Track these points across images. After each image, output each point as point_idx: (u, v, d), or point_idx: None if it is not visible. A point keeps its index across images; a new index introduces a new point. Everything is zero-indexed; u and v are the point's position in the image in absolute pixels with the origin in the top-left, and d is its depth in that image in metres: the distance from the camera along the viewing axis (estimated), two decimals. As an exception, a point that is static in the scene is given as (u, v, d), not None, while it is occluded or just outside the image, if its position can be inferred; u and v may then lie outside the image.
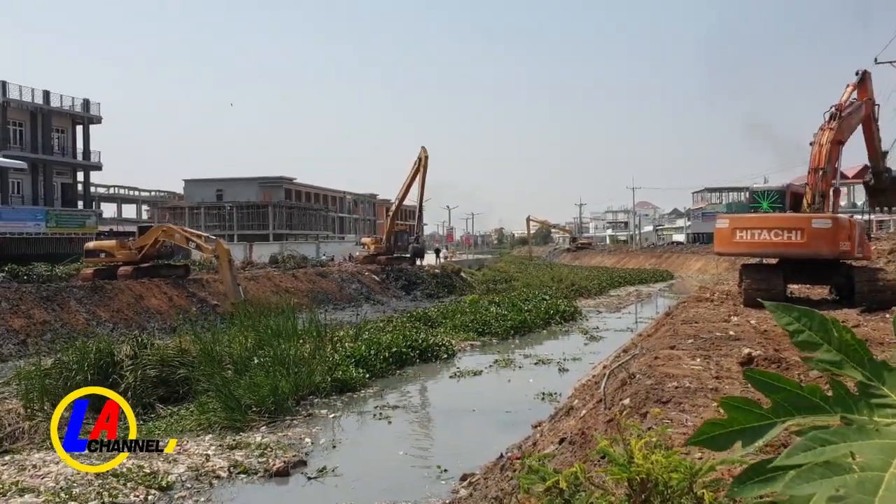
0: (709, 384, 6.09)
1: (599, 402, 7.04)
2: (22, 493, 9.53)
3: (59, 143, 57.80)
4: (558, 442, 6.52)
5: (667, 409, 5.35)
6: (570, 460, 5.63)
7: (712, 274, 62.86)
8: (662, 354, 7.68)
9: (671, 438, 4.50)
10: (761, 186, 15.98)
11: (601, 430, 5.70)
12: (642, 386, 6.08)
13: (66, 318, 26.60)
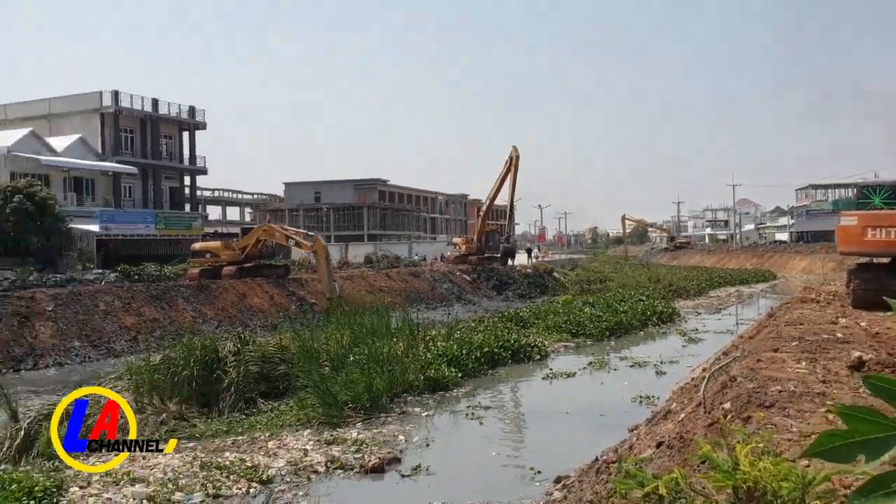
0: (815, 388, 5.82)
1: (699, 406, 6.83)
2: (133, 483, 10.00)
3: (167, 149, 60.57)
4: (655, 446, 6.36)
5: (770, 413, 5.14)
6: (668, 465, 5.48)
7: (817, 274, 60.15)
8: (765, 357, 7.38)
9: (778, 445, 4.32)
10: (873, 181, 15.10)
11: (701, 434, 5.53)
12: (744, 389, 5.86)
13: (174, 315, 27.84)
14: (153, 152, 58.42)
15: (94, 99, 55.82)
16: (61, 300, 25.28)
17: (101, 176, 54.04)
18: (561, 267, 60.75)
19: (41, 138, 51.19)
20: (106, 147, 55.65)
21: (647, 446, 6.57)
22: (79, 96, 56.65)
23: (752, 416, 5.06)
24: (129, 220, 47.08)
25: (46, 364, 22.30)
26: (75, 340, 23.96)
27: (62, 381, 20.42)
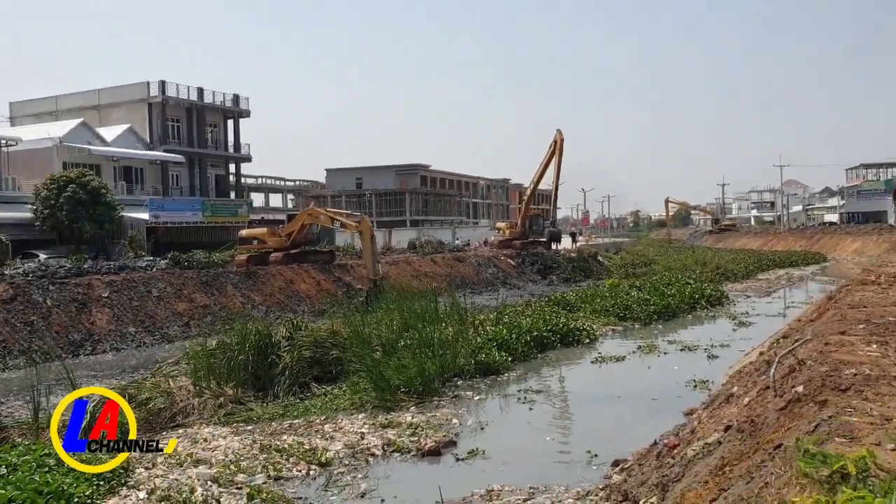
0: (891, 372, 5.70)
1: (766, 389, 6.75)
2: (196, 465, 10.25)
3: (212, 137, 61.46)
4: (723, 430, 6.31)
5: (847, 397, 5.05)
6: (741, 449, 5.43)
7: (870, 255, 58.80)
8: (833, 340, 7.26)
9: (861, 429, 4.25)
10: None
11: (773, 418, 5.47)
12: (816, 373, 5.77)
13: (223, 301, 28.32)
14: (199, 141, 59.31)
15: (142, 89, 56.82)
16: (116, 287, 25.88)
17: (150, 165, 55.06)
18: (605, 251, 60.31)
19: (91, 129, 52.31)
20: (153, 136, 56.66)
21: (714, 430, 6.52)
22: (127, 87, 57.71)
23: (829, 399, 4.98)
24: (177, 208, 47.90)
25: (104, 349, 22.88)
26: (130, 326, 24.53)
27: (120, 365, 20.97)
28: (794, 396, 5.54)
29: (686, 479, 5.90)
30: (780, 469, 4.35)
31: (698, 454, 6.19)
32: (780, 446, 4.83)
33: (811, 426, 4.71)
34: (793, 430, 5.05)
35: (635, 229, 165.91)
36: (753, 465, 4.93)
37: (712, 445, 6.13)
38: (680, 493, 5.62)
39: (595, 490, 8.87)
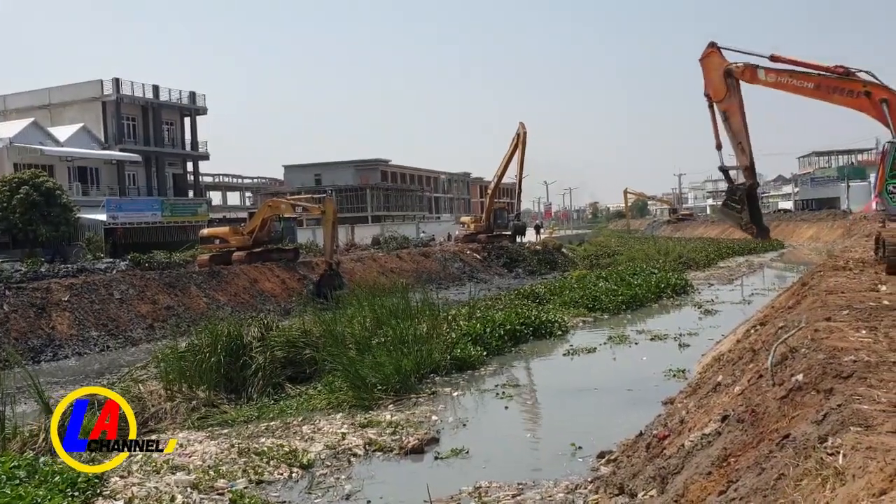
0: (889, 357, 5.71)
1: (759, 378, 6.74)
2: (174, 471, 9.97)
3: (169, 136, 60.32)
4: (720, 420, 6.27)
5: (851, 384, 5.04)
6: (743, 439, 5.40)
7: (826, 241, 60.05)
8: (821, 327, 7.28)
9: (874, 417, 4.22)
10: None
11: (774, 407, 5.44)
12: (815, 360, 5.76)
13: (188, 302, 27.80)
14: (156, 139, 58.18)
15: (95, 87, 55.49)
16: (76, 290, 25.21)
17: (105, 165, 53.84)
18: (569, 242, 60.66)
19: (43, 129, 50.93)
20: (108, 135, 55.41)
21: (710, 420, 6.49)
22: (79, 85, 56.30)
23: (835, 387, 4.96)
24: (135, 208, 46.92)
25: (66, 354, 22.28)
26: (93, 330, 23.92)
27: (83, 370, 20.42)
28: (794, 385, 5.52)
29: (687, 471, 5.85)
30: (794, 460, 4.30)
31: (697, 445, 6.15)
32: (789, 436, 4.79)
33: (819, 415, 4.67)
34: (798, 419, 5.02)
35: (594, 221, 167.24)
36: (761, 455, 4.88)
37: (711, 436, 6.09)
38: (682, 486, 5.56)
39: (584, 483, 8.83)
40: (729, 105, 17.21)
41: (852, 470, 3.59)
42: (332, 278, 31.75)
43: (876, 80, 15.09)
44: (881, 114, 14.87)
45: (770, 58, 16.44)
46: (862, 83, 15.21)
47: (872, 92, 14.98)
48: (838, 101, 15.76)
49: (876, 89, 14.96)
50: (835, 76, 15.54)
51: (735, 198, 18.63)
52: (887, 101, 14.72)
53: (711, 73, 17.26)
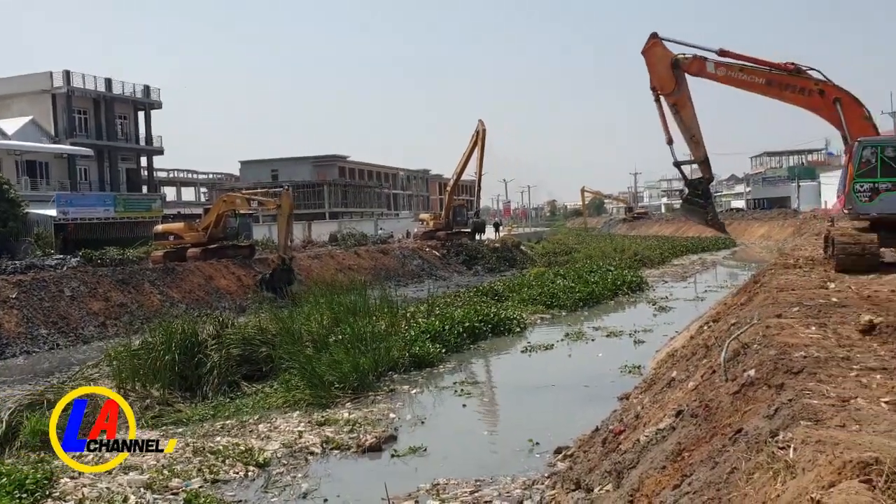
0: (838, 353, 5.86)
1: (713, 373, 6.86)
2: (127, 471, 9.79)
3: (122, 130, 59.10)
4: (674, 415, 6.37)
5: (801, 380, 5.15)
6: (697, 434, 5.48)
7: (777, 240, 61.32)
8: (772, 323, 7.44)
9: (823, 412, 4.32)
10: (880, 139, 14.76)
11: (727, 402, 5.54)
12: (766, 356, 5.88)
13: (141, 299, 27.29)
14: (108, 133, 56.94)
15: (45, 80, 54.07)
16: (25, 287, 24.56)
17: (56, 159, 52.53)
18: (527, 240, 61.01)
19: (-11, 122, 49.55)
20: (59, 129, 54.06)
21: (665, 416, 6.58)
22: (27, 77, 54.78)
23: (785, 383, 5.06)
24: (87, 203, 45.77)
25: (14, 353, 21.68)
26: (42, 328, 23.34)
27: (32, 369, 19.90)
28: (746, 380, 5.62)
29: (642, 466, 5.92)
30: (746, 454, 4.38)
31: (652, 440, 6.23)
32: (741, 431, 4.88)
33: (771, 410, 4.76)
34: (750, 414, 5.12)
35: (552, 219, 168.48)
36: (714, 450, 4.96)
37: (665, 431, 6.18)
38: (637, 480, 5.63)
39: (541, 478, 8.90)
40: (679, 98, 16.83)
41: (802, 463, 3.66)
42: (285, 273, 31.51)
43: (827, 79, 15.24)
44: (833, 113, 15.03)
45: (718, 52, 16.19)
46: (814, 81, 15.26)
47: (826, 91, 15.08)
48: (790, 98, 15.76)
49: (829, 88, 15.08)
50: (785, 73, 15.56)
51: (698, 192, 18.25)
52: (840, 101, 14.89)
53: (656, 64, 16.86)
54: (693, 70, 16.51)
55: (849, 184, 13.78)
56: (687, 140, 17.26)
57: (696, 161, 17.71)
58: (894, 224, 13.63)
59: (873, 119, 15.68)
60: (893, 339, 6.60)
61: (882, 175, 13.56)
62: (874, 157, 13.59)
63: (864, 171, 13.62)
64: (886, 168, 13.52)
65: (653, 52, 16.87)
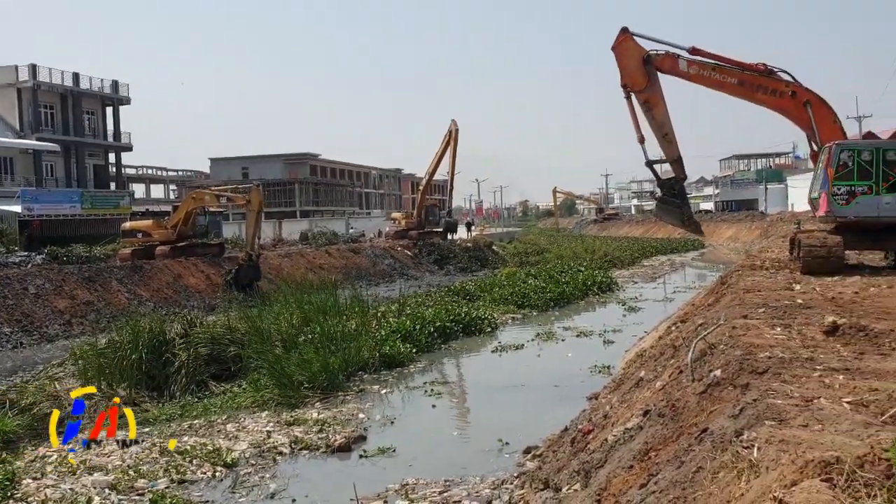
0: (802, 354, 5.95)
1: (680, 373, 6.92)
2: (91, 472, 9.66)
3: (89, 125, 58.20)
4: (642, 414, 6.42)
5: (766, 380, 5.22)
6: (664, 433, 5.53)
7: (744, 242, 62.14)
8: (738, 324, 7.53)
9: (787, 411, 4.38)
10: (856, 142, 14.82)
11: (694, 402, 5.59)
12: (732, 357, 5.95)
13: (108, 297, 26.91)
14: (75, 129, 56.05)
15: (9, 73, 53.08)
16: (-13, 284, 24.10)
17: (21, 154, 51.58)
18: (499, 240, 61.14)
19: (-48, 115, 48.54)
20: (24, 124, 53.11)
21: (633, 415, 6.63)
22: (-8, 70, 53.80)
23: (750, 383, 5.13)
24: (53, 199, 45.04)
25: (-25, 352, 21.26)
26: (5, 326, 22.90)
27: (-6, 368, 19.53)
28: (712, 380, 5.68)
29: (609, 465, 5.96)
30: (712, 453, 4.42)
31: (619, 439, 6.27)
32: (707, 430, 4.93)
33: (736, 410, 4.82)
34: (716, 413, 5.17)
35: (524, 219, 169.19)
36: (680, 449, 5.01)
37: (633, 430, 6.22)
38: (605, 479, 5.66)
39: (510, 478, 8.93)
40: (651, 95, 16.34)
41: (766, 462, 3.71)
42: (251, 270, 31.40)
43: (797, 81, 15.34)
44: (803, 116, 15.11)
45: (690, 50, 15.94)
46: (785, 83, 15.30)
47: (797, 93, 15.16)
48: (762, 100, 15.64)
49: (800, 90, 15.17)
50: (757, 74, 15.55)
51: (674, 192, 17.71)
52: (810, 104, 15.01)
53: (628, 60, 16.35)
54: (665, 67, 16.12)
55: (831, 185, 13.74)
56: (659, 139, 16.81)
57: (669, 160, 17.26)
58: (865, 227, 13.86)
59: (841, 122, 15.80)
60: (856, 341, 6.72)
61: (858, 178, 13.71)
62: (851, 160, 13.73)
63: (841, 175, 13.74)
64: (862, 171, 13.67)
65: (623, 48, 16.40)
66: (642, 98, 16.42)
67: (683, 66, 15.96)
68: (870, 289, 10.73)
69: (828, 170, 13.78)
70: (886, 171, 13.59)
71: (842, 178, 13.70)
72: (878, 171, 13.60)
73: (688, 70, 15.97)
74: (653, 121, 16.57)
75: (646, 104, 16.44)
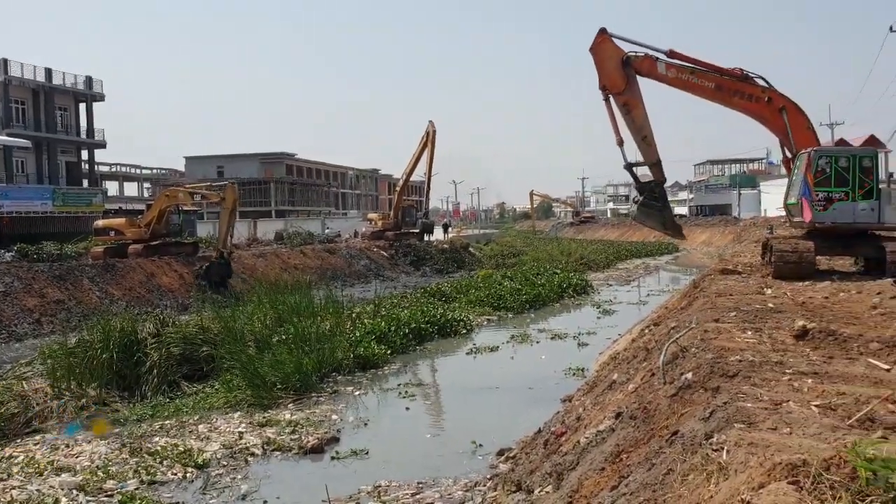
0: (772, 357, 6.02)
1: (652, 376, 6.97)
2: (59, 473, 9.53)
3: (62, 122, 57.40)
4: (614, 417, 6.45)
5: (736, 383, 5.27)
6: (635, 435, 5.56)
7: (717, 246, 62.74)
8: (710, 328, 7.59)
9: (756, 414, 4.42)
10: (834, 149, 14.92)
11: (665, 404, 5.63)
12: (703, 360, 6.00)
13: (79, 296, 26.55)
14: (48, 125, 55.25)
15: (-20, 68, 52.26)
16: (-45, 282, 23.69)
17: (-10, 150, 50.80)
18: (476, 242, 61.17)
19: (-80, 110, 47.61)
20: (-6, 119, 52.30)
21: (605, 418, 6.66)
22: (-39, 64, 52.86)
23: (721, 386, 5.17)
24: (24, 196, 44.40)
25: (-59, 350, 20.89)
26: (-28, 324, 22.53)
27: (-39, 367, 19.19)
28: (684, 383, 5.72)
29: (581, 467, 5.98)
30: (682, 456, 4.45)
31: (592, 442, 6.30)
32: (677, 433, 4.96)
33: (706, 413, 4.86)
34: (687, 416, 5.21)
35: (501, 221, 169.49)
36: (651, 451, 5.04)
37: (605, 433, 6.25)
38: (577, 481, 5.68)
39: (483, 480, 8.93)
40: (629, 97, 16.22)
41: (735, 465, 3.74)
42: (222, 267, 31.37)
43: (773, 87, 15.47)
44: (778, 121, 15.24)
45: (668, 53, 15.93)
46: (762, 89, 15.43)
47: (773, 98, 15.30)
48: (738, 104, 15.69)
49: (776, 96, 15.31)
50: (735, 78, 15.63)
51: (655, 196, 17.52)
52: (786, 109, 15.16)
53: (606, 62, 16.21)
54: (644, 69, 16.05)
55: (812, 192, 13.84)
56: (638, 142, 16.69)
57: (648, 163, 17.12)
58: (839, 233, 14.05)
59: (815, 129, 15.95)
60: (825, 345, 6.80)
61: (836, 185, 13.88)
62: (829, 166, 13.90)
63: (818, 181, 13.88)
64: (840, 178, 13.84)
65: (602, 49, 16.26)
66: (621, 100, 16.31)
67: (662, 69, 15.92)
68: (839, 294, 10.87)
69: (807, 176, 13.91)
70: (862, 178, 13.80)
71: (819, 184, 13.86)
72: (854, 177, 13.80)
73: (666, 73, 15.92)
74: (632, 123, 16.46)
75: (625, 106, 16.33)
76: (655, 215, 17.83)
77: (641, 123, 16.43)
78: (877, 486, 2.90)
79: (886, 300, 9.54)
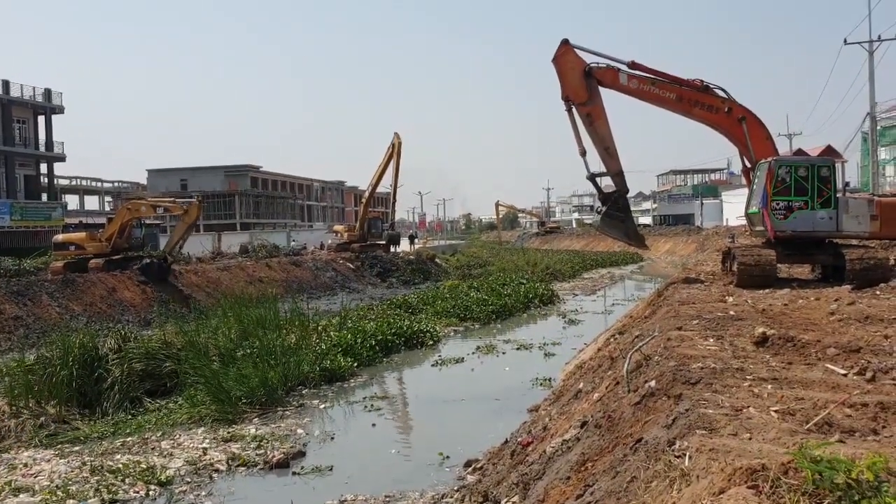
0: (732, 364, 6.10)
1: (616, 384, 7.02)
2: (17, 493, 9.32)
3: (20, 134, 56.37)
4: (579, 426, 6.48)
5: (698, 390, 5.33)
6: (600, 444, 5.60)
7: (681, 255, 63.54)
8: (673, 336, 7.68)
9: (717, 420, 4.48)
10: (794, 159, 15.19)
11: (629, 413, 5.68)
12: (666, 368, 6.07)
13: (38, 312, 26.03)
14: (5, 138, 54.22)
15: (-66, 79, 51.19)
16: None
17: (-54, 163, 49.73)
18: (442, 253, 61.21)
19: None
20: (-51, 132, 51.20)
21: (571, 427, 6.69)
22: (-85, 76, 51.72)
23: (683, 393, 5.23)
24: (-21, 210, 43.61)
25: None
26: (-73, 342, 21.97)
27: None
28: (647, 391, 5.78)
29: (547, 477, 6.00)
30: (646, 463, 4.49)
31: (557, 451, 6.32)
32: (641, 440, 5.01)
33: (669, 420, 4.91)
34: (650, 423, 5.25)
35: (467, 232, 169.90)
36: (616, 459, 5.08)
37: (571, 442, 6.28)
38: (543, 491, 5.70)
39: (450, 492, 8.90)
40: (592, 108, 16.27)
41: (696, 471, 3.78)
42: (162, 270, 32.00)
43: (732, 98, 15.76)
44: (738, 132, 15.53)
45: (629, 64, 16.04)
46: (722, 100, 15.71)
47: (733, 109, 15.58)
48: (699, 115, 15.91)
49: (735, 107, 15.60)
50: (695, 89, 15.89)
51: (618, 206, 17.54)
52: (745, 120, 15.47)
53: (568, 73, 16.27)
54: (606, 80, 16.14)
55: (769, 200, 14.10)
56: (601, 152, 16.74)
57: (611, 174, 17.20)
58: (799, 241, 14.33)
59: (773, 139, 16.29)
60: (784, 351, 6.92)
61: (795, 194, 14.17)
62: (788, 176, 14.19)
63: (778, 190, 14.17)
64: (799, 187, 14.13)
65: (564, 60, 16.33)
66: (584, 111, 16.38)
67: (624, 80, 16.06)
68: (798, 301, 11.08)
69: (767, 184, 14.18)
70: (821, 187, 14.12)
71: (779, 193, 14.14)
72: (813, 187, 14.11)
73: (628, 84, 16.06)
74: (594, 134, 16.53)
75: (588, 117, 16.39)
76: (618, 226, 17.88)
77: (604, 134, 16.51)
78: (823, 487, 2.96)
79: (844, 306, 9.74)
